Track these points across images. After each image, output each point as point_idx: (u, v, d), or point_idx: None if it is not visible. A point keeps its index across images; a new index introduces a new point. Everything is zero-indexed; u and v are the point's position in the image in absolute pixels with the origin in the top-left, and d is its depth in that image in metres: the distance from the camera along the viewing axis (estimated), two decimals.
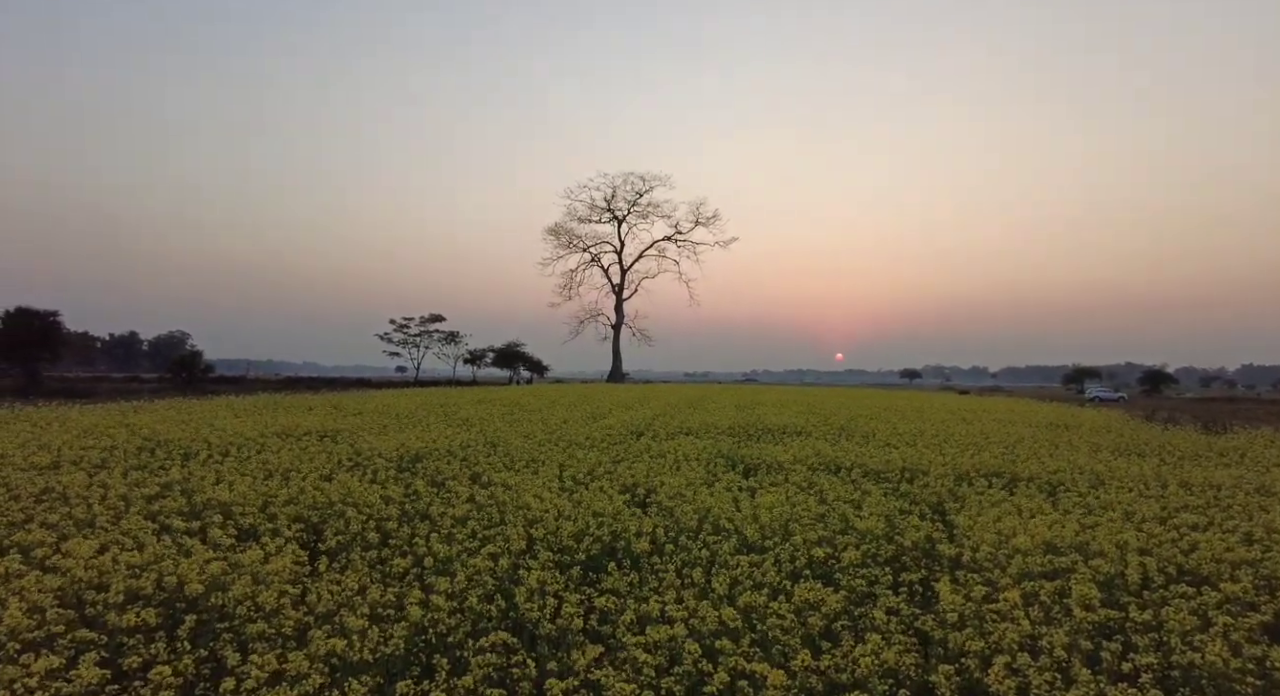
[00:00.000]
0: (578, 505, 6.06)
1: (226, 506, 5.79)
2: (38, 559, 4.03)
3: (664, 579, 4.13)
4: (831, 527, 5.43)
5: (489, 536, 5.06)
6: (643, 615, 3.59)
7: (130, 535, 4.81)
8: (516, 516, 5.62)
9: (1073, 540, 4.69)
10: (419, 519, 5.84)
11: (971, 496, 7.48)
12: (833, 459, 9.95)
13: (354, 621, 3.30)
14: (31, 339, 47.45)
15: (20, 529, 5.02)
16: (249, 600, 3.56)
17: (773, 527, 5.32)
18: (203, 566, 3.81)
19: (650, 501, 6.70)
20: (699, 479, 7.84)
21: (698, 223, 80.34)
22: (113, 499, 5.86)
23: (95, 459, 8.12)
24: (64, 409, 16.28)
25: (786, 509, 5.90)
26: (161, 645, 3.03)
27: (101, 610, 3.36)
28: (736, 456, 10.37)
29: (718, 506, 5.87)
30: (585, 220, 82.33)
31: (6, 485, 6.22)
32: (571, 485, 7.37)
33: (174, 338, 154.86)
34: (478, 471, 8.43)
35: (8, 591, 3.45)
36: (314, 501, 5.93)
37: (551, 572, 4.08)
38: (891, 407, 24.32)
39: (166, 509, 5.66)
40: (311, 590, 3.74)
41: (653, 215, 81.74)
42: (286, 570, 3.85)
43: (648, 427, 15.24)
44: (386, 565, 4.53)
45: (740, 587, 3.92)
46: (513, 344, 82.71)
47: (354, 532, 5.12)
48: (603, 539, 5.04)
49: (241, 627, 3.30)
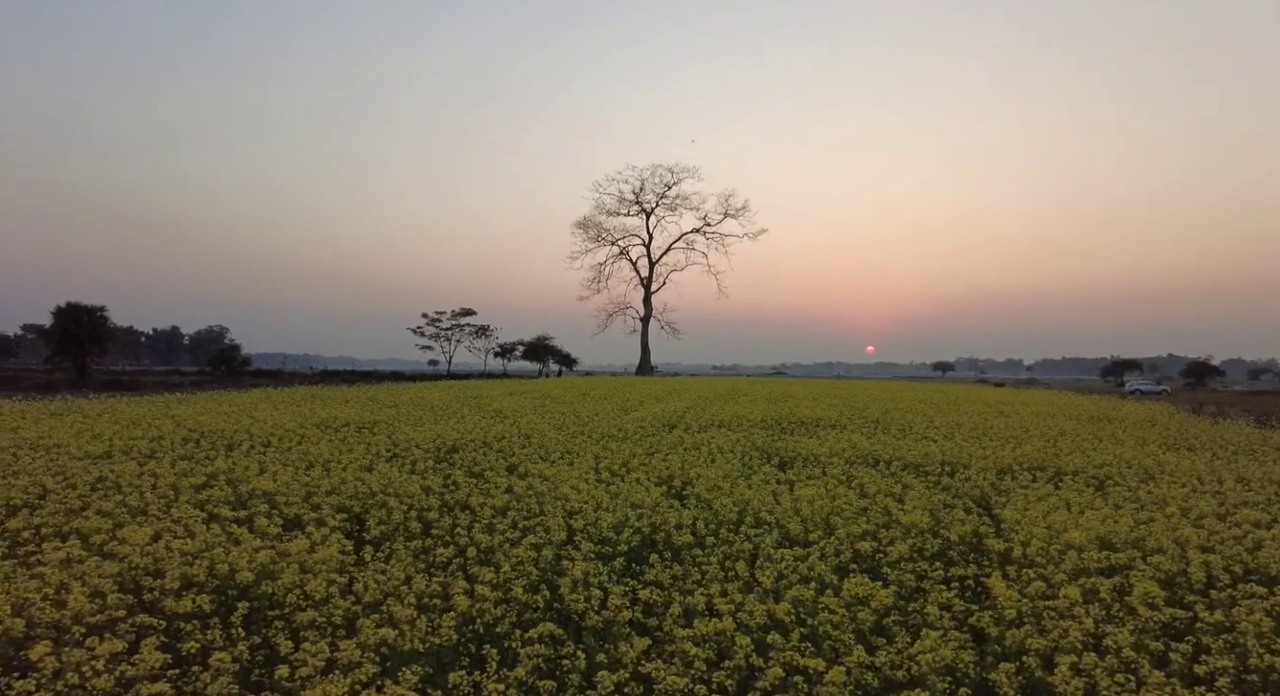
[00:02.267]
0: (615, 497, 6.04)
1: (271, 496, 5.89)
2: (96, 545, 4.14)
3: (707, 571, 4.09)
4: (874, 521, 5.34)
5: (529, 527, 5.07)
6: (689, 608, 3.55)
7: (180, 523, 4.93)
8: (555, 507, 5.62)
9: (1127, 536, 4.53)
10: (459, 509, 5.88)
11: (1015, 490, 7.31)
12: (870, 452, 9.81)
13: (402, 611, 3.32)
14: (81, 334, 49.04)
15: (78, 516, 5.17)
16: (298, 588, 3.61)
17: (814, 521, 5.25)
18: (252, 554, 3.87)
19: (686, 493, 6.65)
20: (735, 471, 7.77)
21: (727, 214, 79.81)
22: (163, 488, 6.00)
23: (144, 449, 8.34)
24: (112, 401, 16.79)
25: (827, 502, 5.81)
26: (217, 632, 3.08)
27: (158, 595, 3.43)
28: (771, 449, 10.28)
29: (757, 499, 5.81)
30: (614, 213, 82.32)
31: (63, 474, 6.41)
32: (607, 477, 7.36)
33: (213, 332, 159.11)
34: (513, 463, 8.48)
35: (69, 576, 3.54)
36: (356, 491, 6.01)
37: (594, 564, 4.06)
38: (926, 400, 23.92)
39: (213, 498, 5.77)
40: (358, 579, 3.77)
41: (681, 207, 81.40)
42: (333, 559, 3.90)
43: (679, 420, 15.21)
44: (430, 555, 4.56)
45: (785, 581, 3.87)
46: (542, 337, 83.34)
47: (396, 522, 5.17)
48: (642, 530, 5.02)
49: (291, 615, 3.34)
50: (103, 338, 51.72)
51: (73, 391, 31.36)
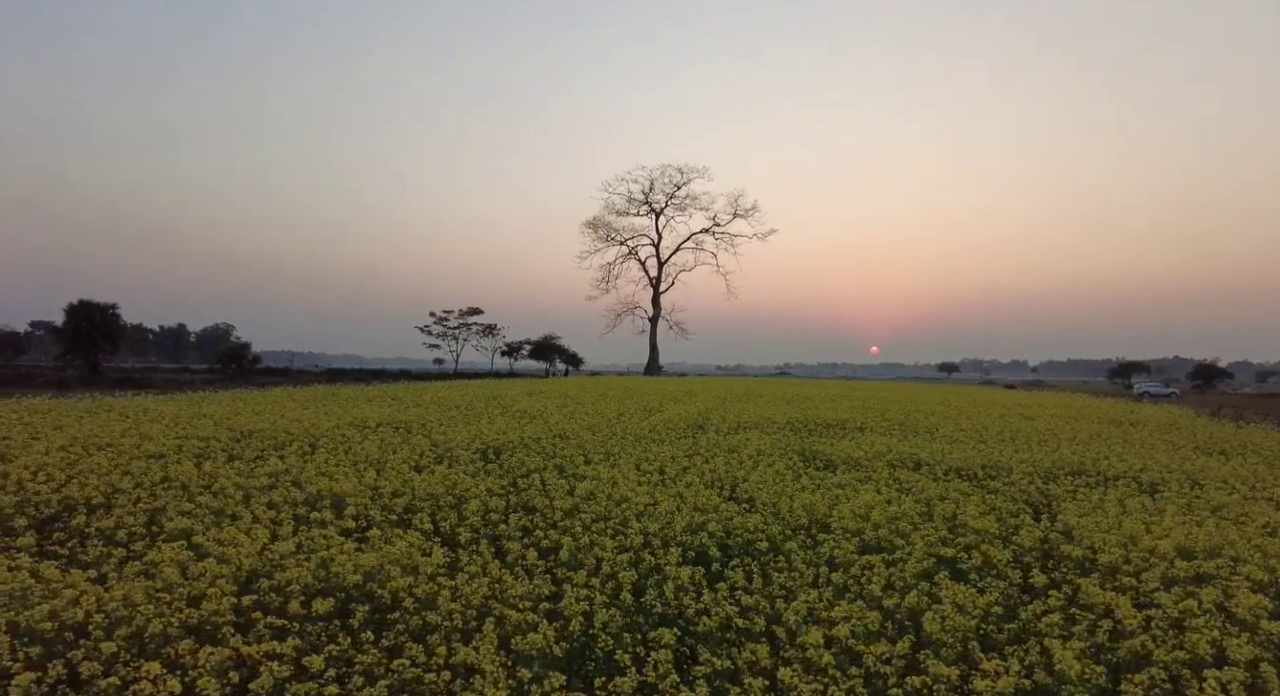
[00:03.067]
0: (679, 499, 6.09)
1: (339, 498, 5.96)
2: (195, 545, 4.20)
3: (799, 577, 4.13)
4: (941, 527, 5.38)
5: (604, 529, 5.11)
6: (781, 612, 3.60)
7: (260, 523, 4.99)
8: (621, 510, 5.67)
9: (1207, 544, 4.56)
10: (524, 511, 5.94)
11: (1064, 495, 7.36)
12: (909, 455, 9.84)
13: (515, 614, 3.37)
14: (93, 331, 49.24)
15: (162, 515, 5.25)
16: (405, 591, 3.67)
17: (885, 526, 5.28)
18: (354, 557, 3.92)
19: (738, 496, 6.69)
20: (781, 475, 7.82)
21: (736, 215, 79.78)
22: (230, 488, 6.06)
23: (195, 448, 8.42)
24: (140, 399, 16.88)
25: (890, 507, 5.85)
26: (346, 636, 3.13)
27: (274, 598, 3.49)
28: (807, 452, 10.32)
29: (819, 504, 5.85)
30: (623, 213, 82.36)
31: (130, 473, 6.48)
32: (658, 479, 7.41)
33: (220, 330, 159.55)
34: (559, 463, 8.54)
35: (184, 577, 3.60)
36: (425, 492, 6.07)
37: (689, 568, 4.10)
38: (944, 402, 23.92)
39: (283, 499, 5.83)
40: (461, 582, 3.82)
41: (690, 207, 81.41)
42: (438, 562, 3.95)
43: (705, 422, 15.25)
44: (511, 556, 4.61)
45: (870, 586, 3.89)
46: (549, 336, 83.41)
47: (473, 525, 5.23)
48: (716, 534, 5.06)
49: (407, 619, 3.40)
50: (114, 335, 51.87)
51: (86, 388, 31.52)
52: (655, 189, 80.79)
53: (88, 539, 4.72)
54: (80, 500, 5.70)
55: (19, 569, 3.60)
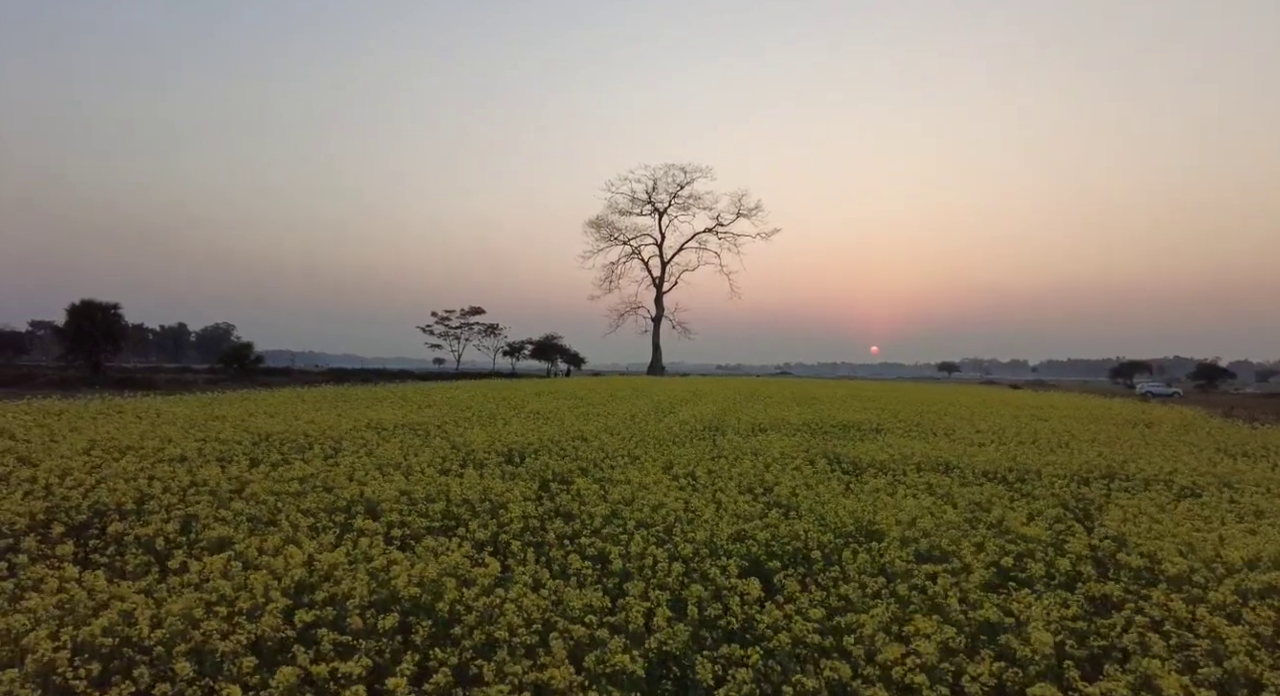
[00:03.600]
0: (718, 506, 5.99)
1: (371, 503, 5.85)
2: (243, 556, 4.09)
3: (861, 588, 4.02)
4: (988, 534, 5.28)
5: (648, 536, 5.00)
6: (850, 625, 3.49)
7: (301, 531, 4.88)
8: (660, 516, 5.56)
9: (1274, 553, 4.46)
10: (560, 517, 5.83)
11: (1098, 498, 7.27)
12: (934, 458, 9.74)
13: (580, 629, 3.27)
14: (95, 331, 49.06)
15: (196, 522, 5.14)
16: (462, 604, 3.56)
17: (934, 533, 5.18)
18: (407, 567, 3.82)
19: (776, 501, 6.58)
20: (813, 478, 7.72)
21: (739, 214, 79.71)
22: (261, 494, 5.95)
23: (217, 452, 8.31)
24: (152, 400, 16.76)
25: (930, 513, 5.75)
26: (414, 653, 3.03)
27: (329, 612, 3.38)
28: (831, 454, 10.21)
29: (863, 510, 5.74)
30: (626, 213, 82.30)
31: (158, 478, 6.37)
32: (689, 484, 7.30)
33: (220, 330, 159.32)
34: (583, 467, 8.44)
35: (234, 588, 3.49)
36: (461, 498, 5.96)
37: (747, 579, 3.99)
38: (954, 403, 23.82)
39: (317, 506, 5.71)
40: (515, 594, 3.71)
41: (694, 207, 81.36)
42: (495, 573, 3.84)
43: (721, 423, 15.14)
44: (558, 565, 4.50)
45: (948, 599, 3.78)
46: (550, 336, 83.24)
47: (515, 532, 5.12)
48: (764, 541, 4.95)
49: (470, 634, 3.29)
50: (116, 335, 51.65)
51: (89, 389, 31.38)
52: (658, 188, 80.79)
53: (126, 546, 4.62)
54: (111, 505, 5.59)
55: (68, 580, 3.49)
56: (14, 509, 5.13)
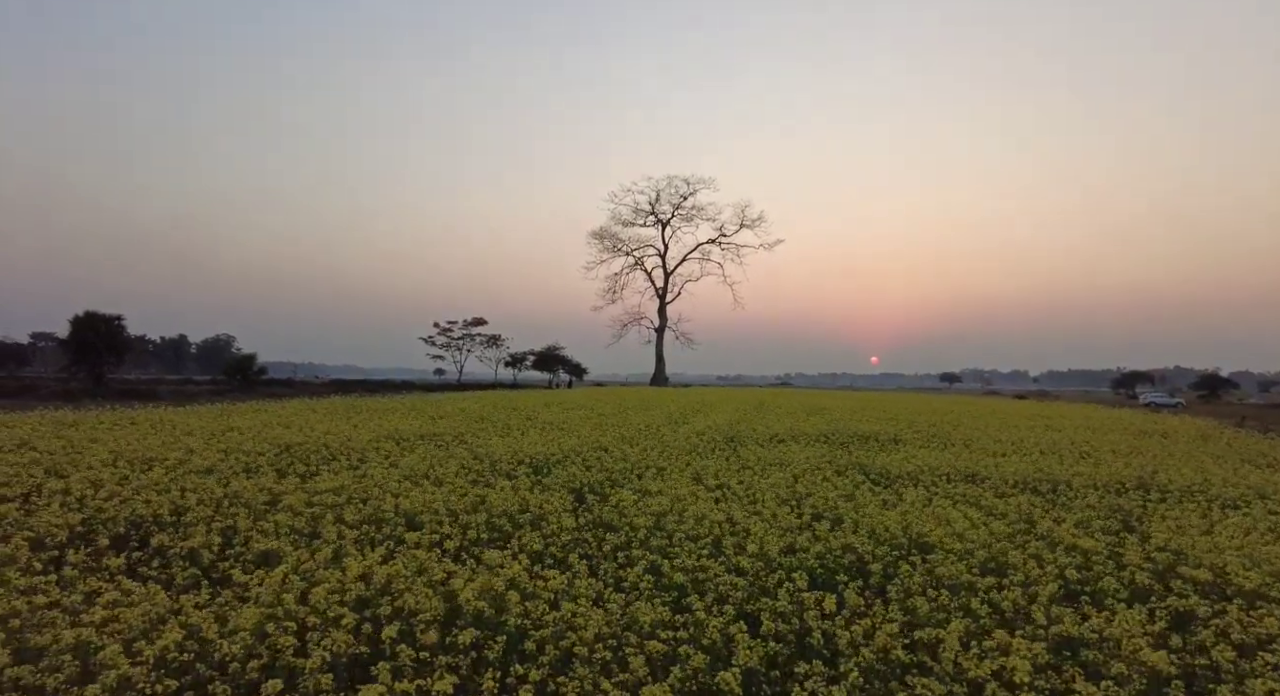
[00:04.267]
0: (759, 517, 5.90)
1: (410, 516, 5.76)
2: (303, 570, 4.00)
3: (935, 602, 3.94)
4: (1039, 545, 5.20)
5: (695, 550, 4.92)
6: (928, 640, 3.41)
7: (347, 543, 4.80)
8: (706, 528, 5.48)
9: None
10: (602, 528, 5.75)
11: (1134, 509, 7.19)
12: (963, 469, 9.68)
13: (656, 645, 3.19)
14: (98, 343, 48.96)
15: (235, 533, 5.05)
16: (527, 617, 3.48)
17: (988, 545, 5.10)
18: (470, 580, 3.74)
19: (819, 513, 6.50)
20: (845, 489, 7.64)
21: (742, 225, 79.96)
22: (297, 506, 5.86)
23: (242, 463, 8.21)
24: (163, 412, 16.66)
25: (985, 526, 5.67)
26: (495, 671, 2.94)
27: (399, 627, 3.29)
28: (857, 466, 10.12)
29: (912, 522, 5.66)
30: (629, 224, 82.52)
31: (193, 490, 6.28)
32: (722, 495, 7.21)
33: (220, 341, 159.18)
34: (612, 478, 8.35)
35: (297, 603, 3.41)
36: (501, 509, 5.88)
37: (816, 593, 3.91)
38: (966, 413, 23.74)
39: (355, 518, 5.62)
40: (580, 607, 3.63)
41: (697, 218, 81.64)
42: (560, 586, 3.76)
43: (736, 433, 15.04)
44: (612, 577, 4.42)
45: (1035, 612, 3.68)
46: (552, 347, 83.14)
47: (564, 543, 5.04)
48: (818, 554, 4.87)
49: (543, 648, 3.21)
50: (120, 347, 51.58)
51: (93, 400, 31.26)
52: (661, 199, 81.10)
53: (171, 559, 4.53)
54: (147, 517, 5.51)
55: (126, 593, 3.41)
56: (51, 520, 5.05)
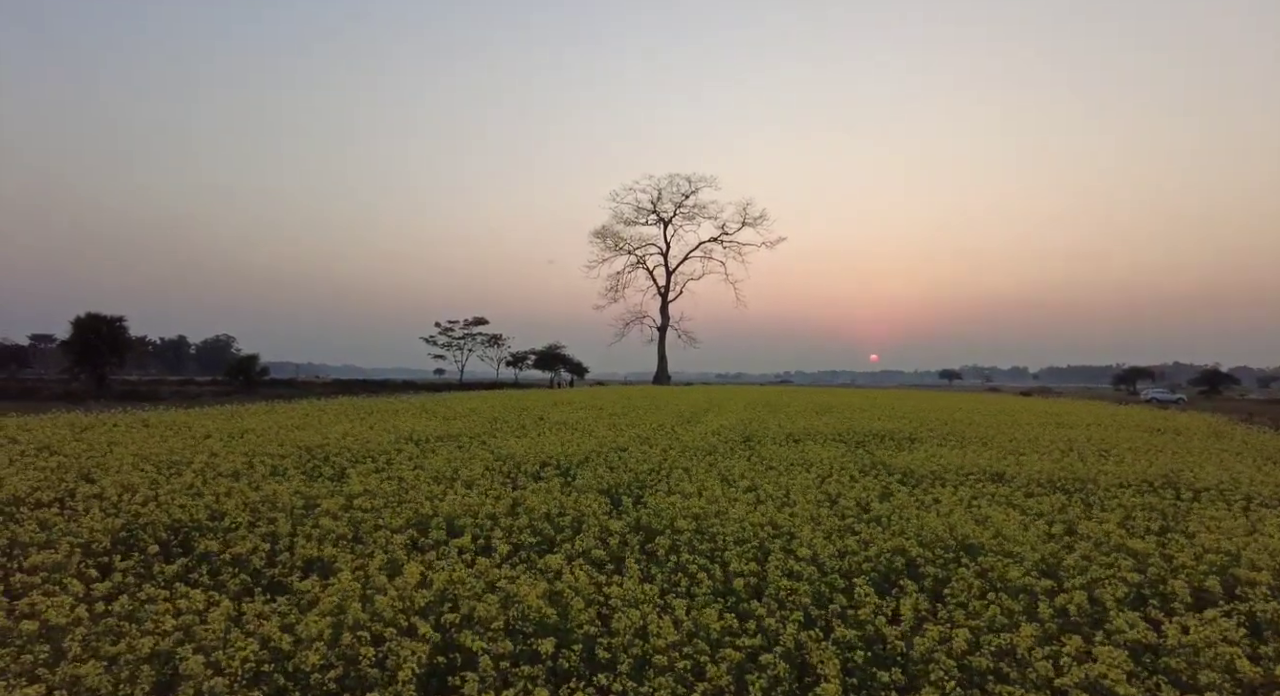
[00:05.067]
0: (802, 519, 5.86)
1: (450, 519, 5.71)
2: (366, 576, 3.95)
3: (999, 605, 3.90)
4: (1086, 547, 5.16)
5: (744, 553, 4.87)
6: (1002, 646, 3.37)
7: (397, 549, 4.74)
8: (753, 531, 5.43)
9: None
10: (642, 532, 5.70)
11: (1167, 508, 7.15)
12: (986, 468, 9.64)
13: (733, 653, 3.15)
14: (100, 344, 48.80)
15: (280, 539, 5.00)
16: (592, 624, 3.44)
17: (1035, 546, 5.06)
18: (534, 587, 3.69)
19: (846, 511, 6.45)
20: (871, 489, 7.60)
21: (744, 223, 79.91)
22: (335, 510, 5.81)
23: (269, 466, 8.15)
24: (175, 413, 16.59)
25: (1035, 529, 5.64)
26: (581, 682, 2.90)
27: (467, 636, 3.25)
28: (880, 465, 10.09)
29: (957, 523, 5.62)
30: (631, 223, 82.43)
31: (226, 494, 6.23)
32: (754, 497, 7.16)
33: (220, 342, 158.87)
34: (639, 479, 8.31)
35: (361, 609, 3.36)
36: (541, 512, 5.83)
37: (896, 598, 3.87)
38: (974, 410, 23.71)
39: (396, 522, 5.55)
40: (645, 614, 3.58)
41: (699, 216, 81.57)
42: (628, 593, 3.71)
43: (750, 433, 14.99)
44: (666, 581, 4.37)
45: (1119, 622, 3.62)
46: (553, 346, 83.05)
47: (613, 547, 4.99)
48: (872, 557, 4.83)
49: (617, 656, 3.17)
50: (122, 348, 51.40)
51: (95, 402, 31.16)
52: (663, 198, 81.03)
53: (219, 565, 4.48)
54: (187, 522, 5.46)
55: (184, 598, 3.37)
56: (93, 526, 5.00)
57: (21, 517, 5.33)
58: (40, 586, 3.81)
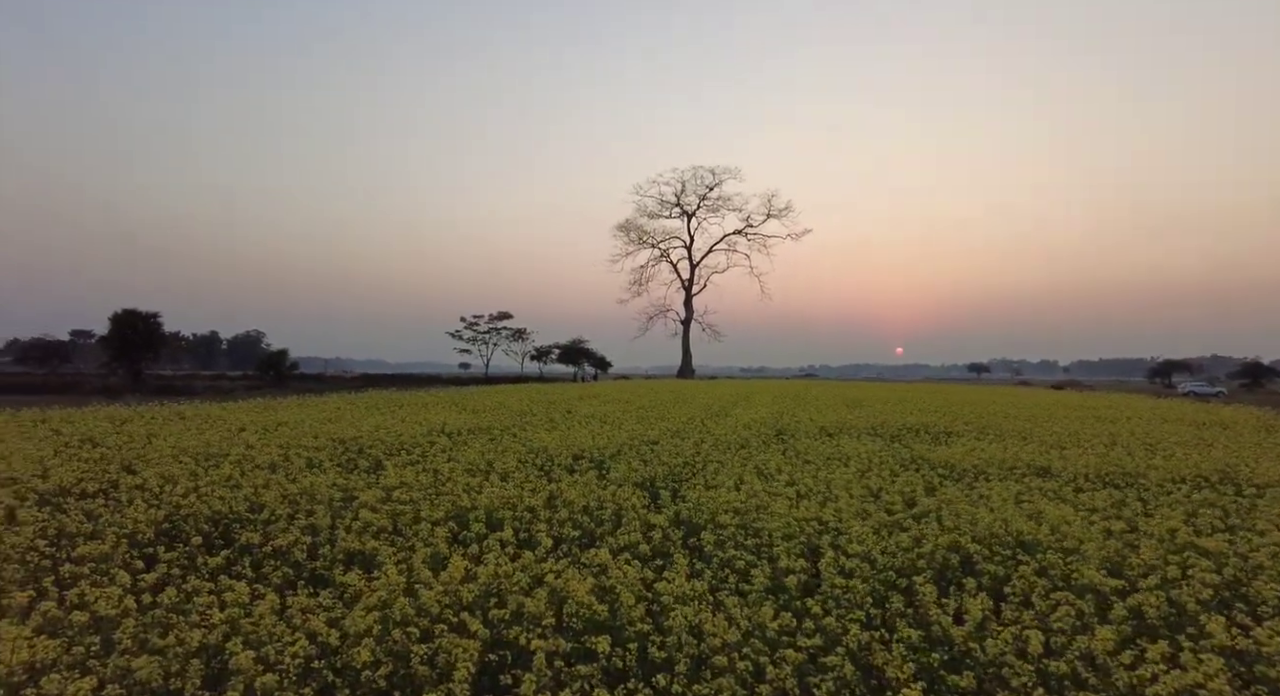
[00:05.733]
0: (848, 515, 5.69)
1: (489, 511, 5.63)
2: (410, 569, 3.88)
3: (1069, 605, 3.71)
4: (1153, 545, 4.93)
5: (790, 549, 4.72)
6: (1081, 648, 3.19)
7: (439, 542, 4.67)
8: (800, 526, 5.27)
9: None
10: (683, 525, 5.57)
11: (1228, 505, 6.85)
12: (1029, 462, 9.35)
13: (793, 655, 3.01)
14: (136, 339, 49.90)
15: (325, 533, 4.96)
16: (643, 621, 3.32)
17: (1089, 542, 4.84)
18: (582, 582, 3.58)
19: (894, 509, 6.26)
20: (914, 484, 7.39)
21: (769, 215, 79.15)
22: (373, 502, 5.77)
23: (303, 458, 8.17)
24: (210, 407, 16.83)
25: (1088, 523, 5.41)
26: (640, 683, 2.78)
27: (515, 632, 3.15)
28: (919, 460, 9.84)
29: (1014, 519, 5.40)
30: (655, 216, 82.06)
31: (265, 487, 6.23)
32: (796, 492, 6.99)
33: (250, 337, 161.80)
34: (676, 472, 8.19)
35: (408, 604, 3.28)
36: (580, 505, 5.73)
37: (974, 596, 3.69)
38: (1009, 404, 23.21)
39: (434, 515, 5.50)
40: (698, 611, 3.45)
41: (723, 209, 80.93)
42: (678, 589, 3.58)
43: (782, 427, 14.78)
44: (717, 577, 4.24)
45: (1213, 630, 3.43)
46: (577, 340, 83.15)
47: (657, 542, 4.87)
48: (925, 554, 4.65)
49: (673, 654, 3.04)
50: (156, 343, 52.47)
51: (133, 395, 31.87)
52: (687, 191, 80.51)
53: (261, 557, 4.45)
54: (227, 514, 5.45)
55: (228, 591, 3.31)
56: (137, 517, 5.01)
57: (68, 508, 5.38)
58: (88, 577, 3.80)
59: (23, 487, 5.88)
